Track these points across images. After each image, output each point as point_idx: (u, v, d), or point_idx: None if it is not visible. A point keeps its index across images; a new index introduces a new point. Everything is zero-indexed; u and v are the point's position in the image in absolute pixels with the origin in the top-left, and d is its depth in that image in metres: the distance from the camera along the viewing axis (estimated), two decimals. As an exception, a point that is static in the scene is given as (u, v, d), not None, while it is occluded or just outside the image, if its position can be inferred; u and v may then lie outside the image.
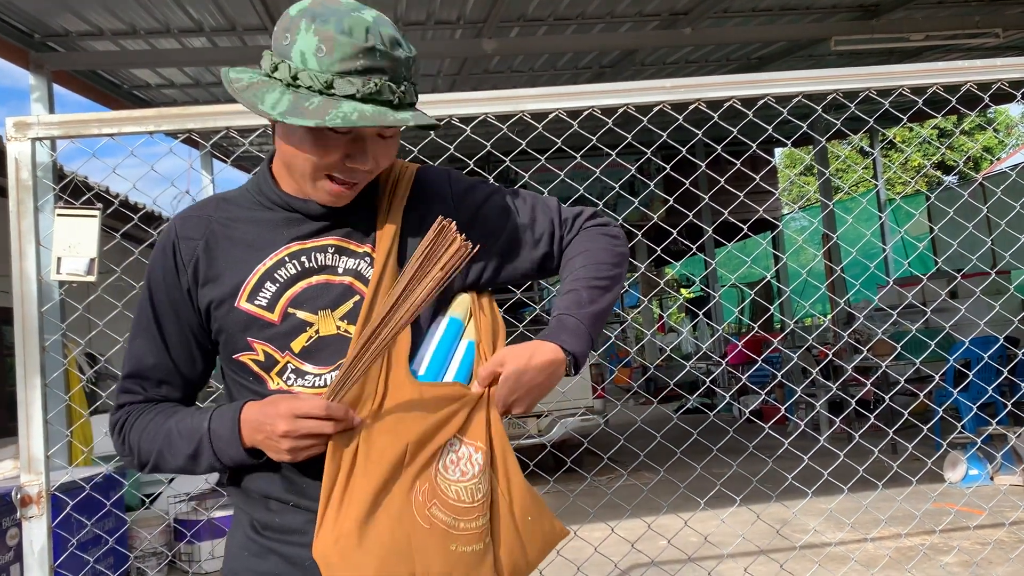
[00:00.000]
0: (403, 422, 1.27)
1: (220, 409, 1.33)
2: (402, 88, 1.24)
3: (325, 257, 1.36)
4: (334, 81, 1.20)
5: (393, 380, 1.29)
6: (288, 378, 1.33)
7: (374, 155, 1.29)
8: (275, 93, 1.24)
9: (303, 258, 1.36)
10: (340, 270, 1.36)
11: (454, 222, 1.29)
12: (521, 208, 1.50)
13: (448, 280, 1.28)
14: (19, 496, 2.31)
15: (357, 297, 1.35)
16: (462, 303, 1.42)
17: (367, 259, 1.37)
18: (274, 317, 1.34)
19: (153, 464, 1.38)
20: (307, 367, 1.33)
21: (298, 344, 1.33)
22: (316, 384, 1.33)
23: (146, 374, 1.41)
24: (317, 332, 1.33)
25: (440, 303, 1.40)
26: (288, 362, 1.33)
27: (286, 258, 1.36)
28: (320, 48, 1.21)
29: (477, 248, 1.30)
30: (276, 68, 1.25)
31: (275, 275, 1.35)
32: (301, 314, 1.34)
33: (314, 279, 1.35)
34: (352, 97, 1.21)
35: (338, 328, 1.33)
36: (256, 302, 1.34)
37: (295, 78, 1.22)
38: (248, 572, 1.37)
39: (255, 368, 1.35)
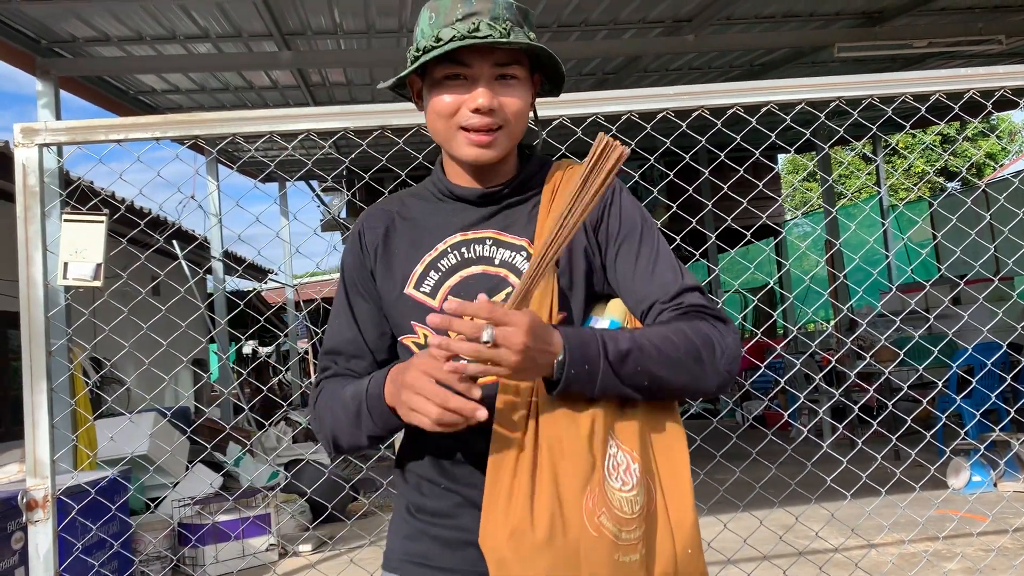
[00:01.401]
0: (575, 419, 1.27)
1: (382, 369, 1.40)
2: (503, 25, 1.32)
3: (483, 248, 1.43)
4: (440, 33, 1.32)
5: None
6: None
7: (498, 96, 1.35)
8: (403, 72, 1.40)
9: (463, 249, 1.44)
10: (496, 261, 1.43)
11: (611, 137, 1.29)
12: (656, 250, 1.44)
13: (606, 187, 1.26)
14: (25, 500, 2.32)
15: (510, 288, 1.40)
16: (618, 306, 1.43)
17: (523, 252, 1.42)
18: (436, 303, 1.42)
19: (333, 438, 1.44)
20: None
21: None
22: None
23: (340, 349, 1.52)
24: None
25: (591, 303, 1.43)
26: None
27: (448, 249, 1.44)
28: (431, 16, 1.36)
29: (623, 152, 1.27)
30: (409, 56, 1.40)
31: (438, 264, 1.44)
32: None
33: (473, 269, 1.42)
34: (453, 39, 1.31)
35: None
36: (422, 289, 1.44)
37: (417, 50, 1.37)
38: (402, 553, 1.45)
39: (416, 351, 1.43)
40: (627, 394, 1.28)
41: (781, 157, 21.90)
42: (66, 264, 2.42)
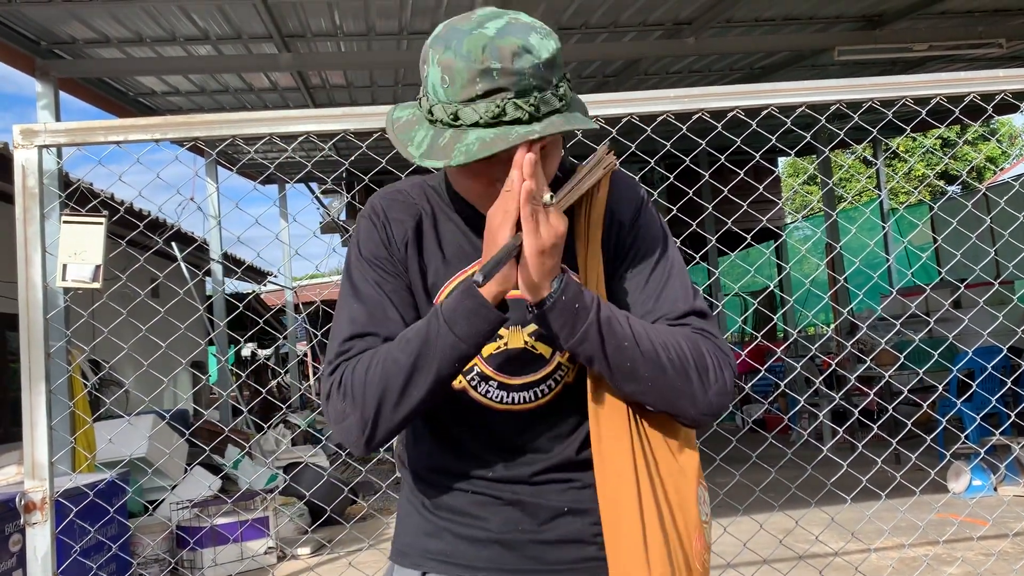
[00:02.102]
0: (679, 452, 1.35)
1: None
2: (532, 99, 1.17)
3: None
4: (459, 111, 1.17)
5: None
6: (472, 379, 1.37)
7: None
8: (421, 131, 1.23)
9: None
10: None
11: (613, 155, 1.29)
12: (671, 267, 1.41)
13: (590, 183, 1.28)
14: (23, 502, 2.31)
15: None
16: None
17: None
18: None
19: (377, 402, 1.24)
20: (490, 372, 1.37)
21: (487, 349, 1.36)
22: (492, 395, 1.37)
23: (370, 329, 1.32)
24: (506, 344, 1.36)
25: None
26: (475, 365, 1.36)
27: None
28: (444, 79, 1.18)
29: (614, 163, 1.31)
30: (421, 103, 1.25)
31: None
32: None
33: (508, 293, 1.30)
34: (477, 124, 1.17)
35: (526, 343, 1.37)
36: None
37: (431, 112, 1.21)
38: (423, 550, 1.40)
39: None
40: (601, 363, 1.25)
41: (781, 160, 21.91)
42: (65, 266, 2.41)
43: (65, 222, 2.42)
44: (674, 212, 3.49)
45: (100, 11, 5.98)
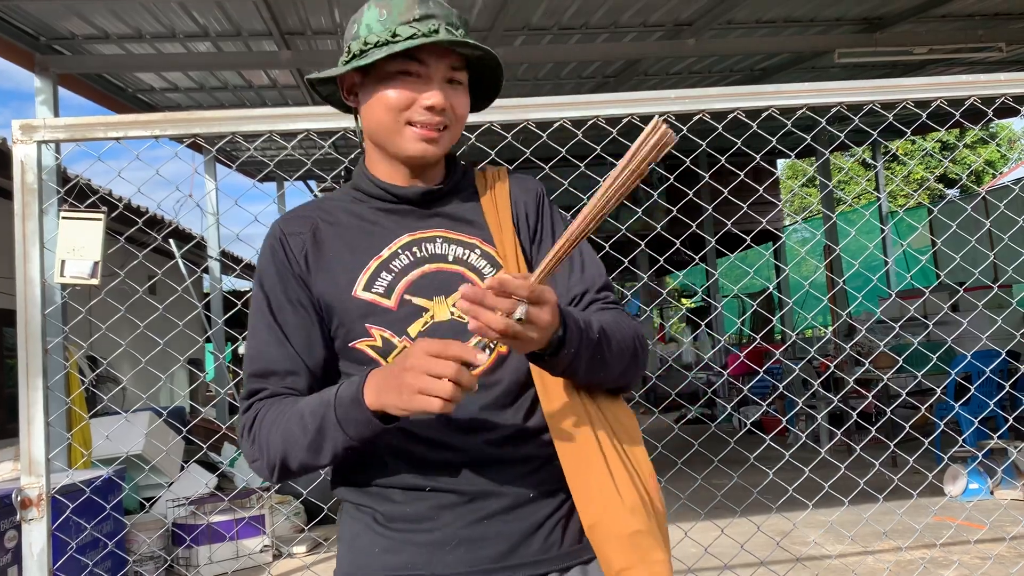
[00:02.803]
0: (623, 406, 1.45)
1: (351, 378, 1.32)
2: (458, 32, 1.37)
3: (435, 246, 1.43)
4: (396, 30, 1.34)
5: None
6: None
7: (448, 99, 1.38)
8: (350, 64, 1.39)
9: (415, 248, 1.43)
10: (450, 258, 1.43)
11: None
12: (583, 246, 1.49)
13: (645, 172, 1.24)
14: (19, 498, 2.30)
15: (468, 285, 1.38)
16: None
17: (476, 250, 1.44)
18: (391, 304, 1.39)
19: (281, 461, 1.34)
20: None
21: (414, 329, 1.37)
22: None
23: (271, 368, 1.40)
24: (432, 318, 1.38)
25: None
26: (405, 346, 1.37)
27: (399, 250, 1.42)
28: (381, 13, 1.36)
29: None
30: (349, 52, 1.40)
31: (390, 265, 1.41)
32: (417, 300, 1.39)
33: (427, 267, 1.41)
34: (413, 37, 1.34)
35: (452, 314, 1.39)
36: (373, 290, 1.39)
37: (365, 44, 1.37)
38: (382, 568, 1.36)
39: (372, 354, 1.38)
40: (579, 378, 1.35)
41: (780, 162, 21.93)
42: (63, 262, 2.41)
43: (64, 218, 2.42)
44: (674, 213, 3.49)
45: (99, 7, 5.98)
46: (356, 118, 1.51)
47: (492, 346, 1.22)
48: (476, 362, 1.16)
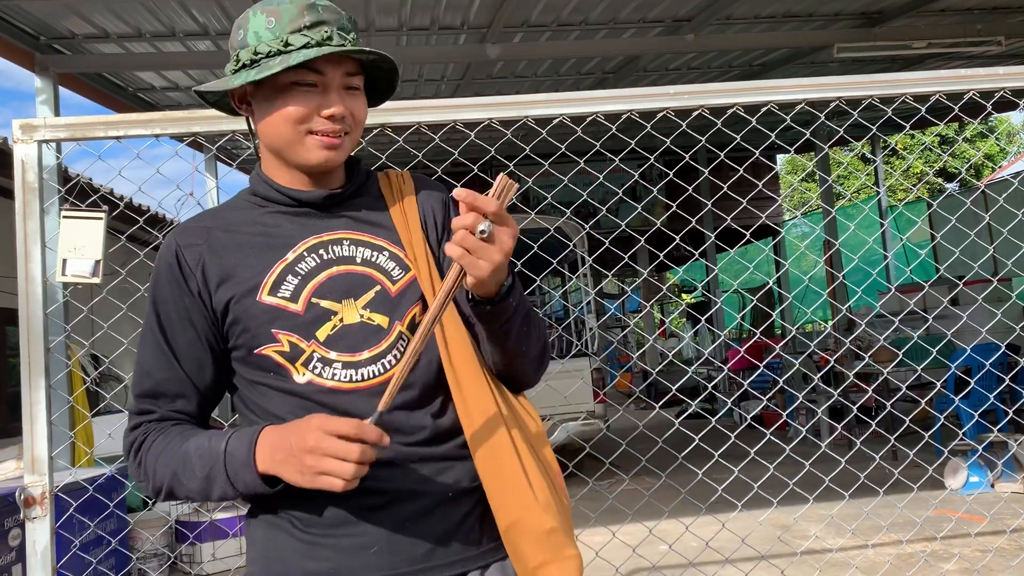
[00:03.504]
0: (524, 406, 1.48)
1: (240, 430, 1.32)
2: (351, 36, 1.36)
3: (342, 249, 1.41)
4: (288, 39, 1.32)
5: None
6: (315, 367, 1.35)
7: (347, 105, 1.37)
8: (241, 75, 1.35)
9: (321, 251, 1.40)
10: (358, 260, 1.41)
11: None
12: None
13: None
14: (23, 497, 2.31)
15: (378, 287, 1.39)
16: None
17: (384, 252, 1.43)
18: (298, 308, 1.36)
19: (167, 490, 1.35)
20: (332, 355, 1.35)
21: (323, 333, 1.36)
22: (340, 376, 1.35)
23: (159, 390, 1.39)
24: (341, 320, 1.37)
25: None
26: (314, 351, 1.35)
27: (304, 252, 1.40)
28: (269, 21, 1.34)
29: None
30: (238, 60, 1.37)
31: (296, 268, 1.38)
32: (325, 303, 1.37)
33: (335, 270, 1.39)
34: (307, 46, 1.32)
35: (361, 316, 1.37)
36: (279, 294, 1.37)
37: (255, 53, 1.34)
38: (299, 573, 1.34)
39: (280, 360, 1.36)
40: (510, 342, 1.38)
41: (780, 157, 21.93)
42: (65, 261, 2.41)
43: (65, 217, 2.43)
44: (673, 208, 3.49)
45: (99, 6, 5.98)
46: (249, 123, 1.48)
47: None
48: (381, 443, 1.20)
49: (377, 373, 1.36)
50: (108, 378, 8.91)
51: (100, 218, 2.44)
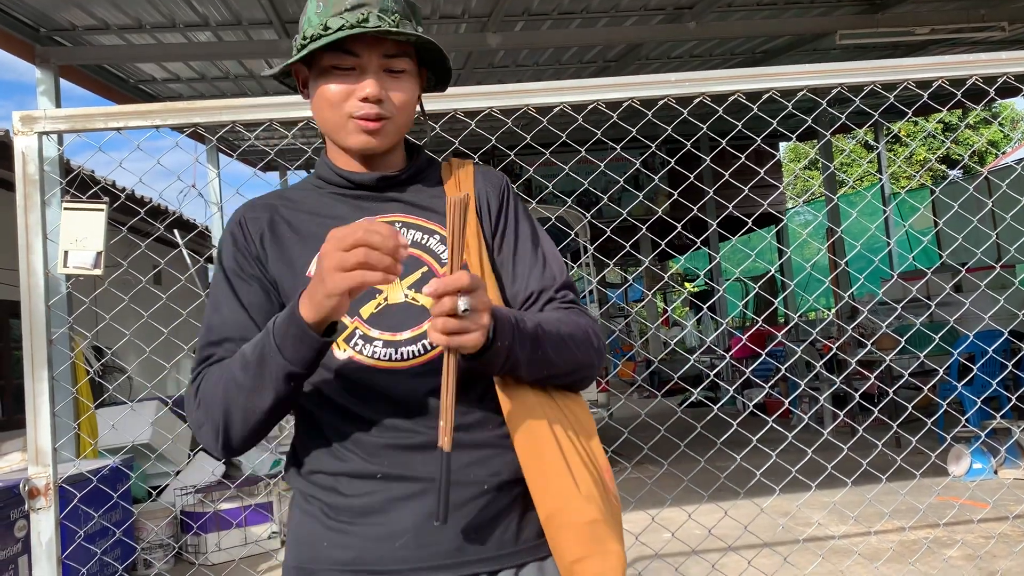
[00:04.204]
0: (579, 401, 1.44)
1: None
2: (392, 17, 1.34)
3: None
4: (328, 22, 1.33)
5: None
6: (356, 343, 1.34)
7: (385, 88, 1.37)
8: (291, 59, 1.40)
9: None
10: (408, 241, 1.38)
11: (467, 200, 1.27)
12: (544, 243, 1.52)
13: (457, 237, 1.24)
14: (27, 488, 2.32)
15: (425, 268, 1.39)
16: None
17: (435, 235, 1.42)
18: None
19: (224, 413, 1.29)
20: (374, 333, 1.35)
21: (367, 310, 1.36)
22: (380, 354, 1.33)
23: (227, 335, 1.37)
24: (386, 299, 1.37)
25: None
26: (356, 327, 1.35)
27: None
28: (319, 5, 1.36)
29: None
30: (294, 47, 1.40)
31: None
32: None
33: None
34: (341, 28, 1.32)
35: (406, 296, 1.37)
36: None
37: (304, 37, 1.36)
38: (328, 562, 1.32)
39: None
40: (523, 374, 1.32)
41: (782, 145, 21.88)
42: (66, 252, 2.42)
43: (66, 209, 2.43)
44: (675, 196, 3.49)
45: (99, -3, 5.97)
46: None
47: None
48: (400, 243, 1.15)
49: (417, 353, 1.34)
50: (111, 369, 8.94)
51: (101, 210, 2.44)
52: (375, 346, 1.34)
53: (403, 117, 1.41)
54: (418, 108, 1.49)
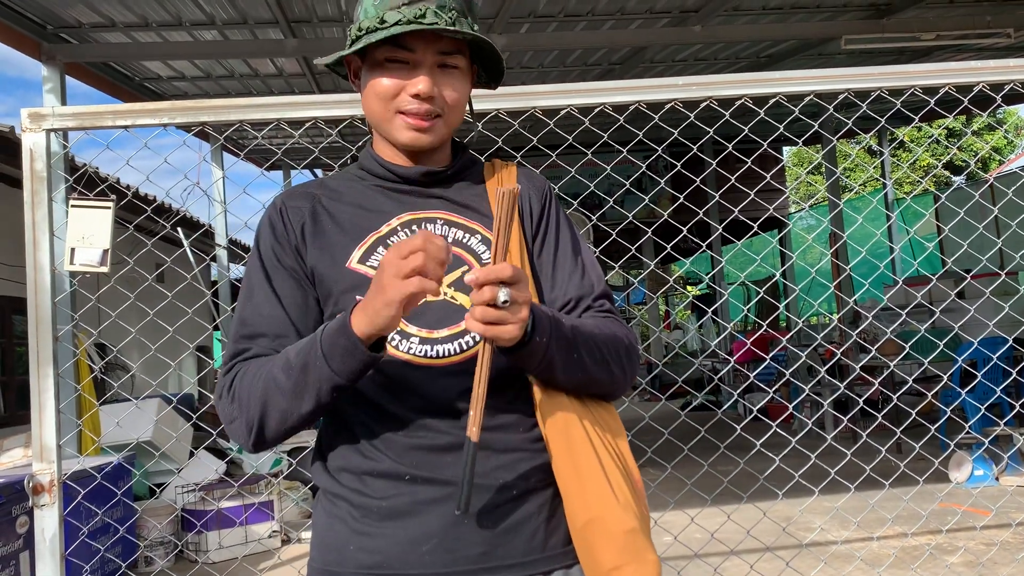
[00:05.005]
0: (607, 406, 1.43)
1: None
2: (449, 14, 1.33)
3: (435, 227, 1.41)
4: (386, 15, 1.32)
5: None
6: (392, 339, 1.33)
7: (438, 85, 1.36)
8: (346, 50, 1.40)
9: (414, 227, 1.41)
10: (449, 239, 1.40)
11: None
12: (584, 251, 1.51)
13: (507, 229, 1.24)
14: (31, 484, 2.33)
15: (465, 267, 1.38)
16: None
17: (476, 235, 1.42)
18: None
19: (260, 411, 1.28)
20: (411, 328, 1.34)
21: None
22: (416, 351, 1.33)
23: (261, 330, 1.36)
24: (425, 297, 1.36)
25: None
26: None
27: (399, 227, 1.40)
28: None
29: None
30: (348, 38, 1.40)
31: (388, 241, 1.39)
32: None
33: None
34: (399, 23, 1.31)
35: (444, 294, 1.36)
36: (369, 263, 1.37)
37: (359, 29, 1.36)
38: (354, 564, 1.30)
39: None
40: (557, 376, 1.31)
41: (786, 149, 21.86)
42: (73, 250, 2.42)
43: (73, 206, 2.43)
44: (680, 200, 3.49)
45: (106, -5, 5.98)
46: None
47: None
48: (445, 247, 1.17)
49: (453, 352, 1.33)
50: (115, 367, 8.95)
51: (108, 207, 2.45)
52: (411, 342, 1.33)
53: (454, 114, 1.41)
54: (467, 106, 1.48)
